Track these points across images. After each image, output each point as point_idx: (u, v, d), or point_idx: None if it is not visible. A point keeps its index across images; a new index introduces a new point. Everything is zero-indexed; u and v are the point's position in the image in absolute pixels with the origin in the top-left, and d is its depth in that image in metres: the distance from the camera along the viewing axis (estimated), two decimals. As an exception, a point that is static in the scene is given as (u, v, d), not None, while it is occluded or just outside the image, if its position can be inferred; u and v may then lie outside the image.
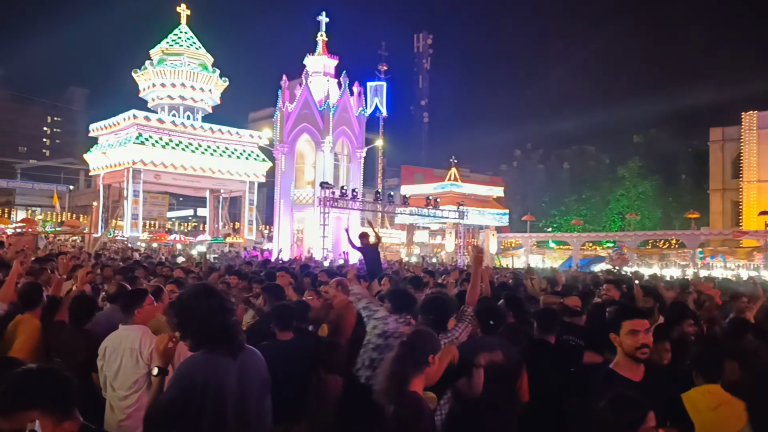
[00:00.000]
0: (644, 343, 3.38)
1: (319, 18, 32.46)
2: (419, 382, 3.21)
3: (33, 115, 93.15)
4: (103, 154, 36.11)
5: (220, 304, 3.08)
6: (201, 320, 2.98)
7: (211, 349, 2.97)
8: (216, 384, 2.92)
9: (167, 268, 10.53)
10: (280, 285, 6.56)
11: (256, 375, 3.13)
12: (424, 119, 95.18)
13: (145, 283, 6.58)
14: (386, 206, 32.69)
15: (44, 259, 9.83)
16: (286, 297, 6.09)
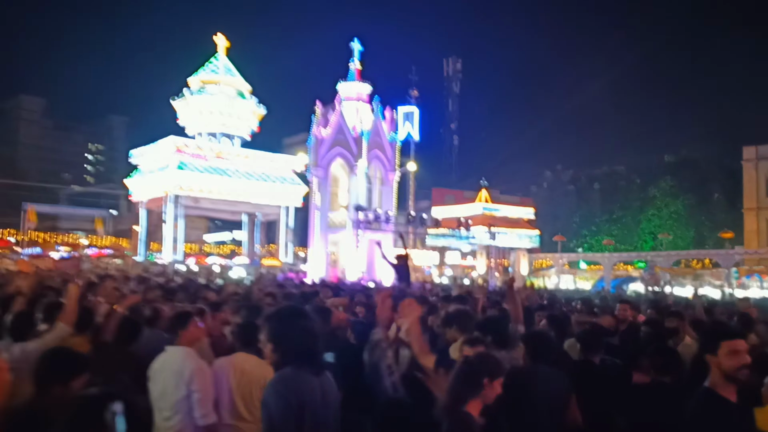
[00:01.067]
0: (745, 364, 3.31)
1: (352, 45, 33.39)
2: (476, 403, 3.28)
3: (76, 143, 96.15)
4: (144, 179, 37.35)
5: (312, 326, 3.26)
6: (294, 338, 3.12)
7: (297, 367, 3.08)
8: (309, 398, 3.04)
9: (213, 293, 10.77)
10: (327, 307, 6.52)
11: (334, 394, 3.25)
12: (454, 142, 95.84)
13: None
14: (418, 228, 33.30)
15: (91, 284, 10.43)
16: (332, 319, 5.94)
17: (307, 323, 3.23)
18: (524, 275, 42.37)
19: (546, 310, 8.18)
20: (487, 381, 3.31)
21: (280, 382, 3.05)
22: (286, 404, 2.96)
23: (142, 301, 8.74)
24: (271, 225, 41.61)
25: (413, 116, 45.42)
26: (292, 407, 2.95)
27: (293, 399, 2.97)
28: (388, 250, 31.24)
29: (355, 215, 28.57)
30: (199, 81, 38.65)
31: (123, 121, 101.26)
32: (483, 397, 3.30)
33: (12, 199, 52.75)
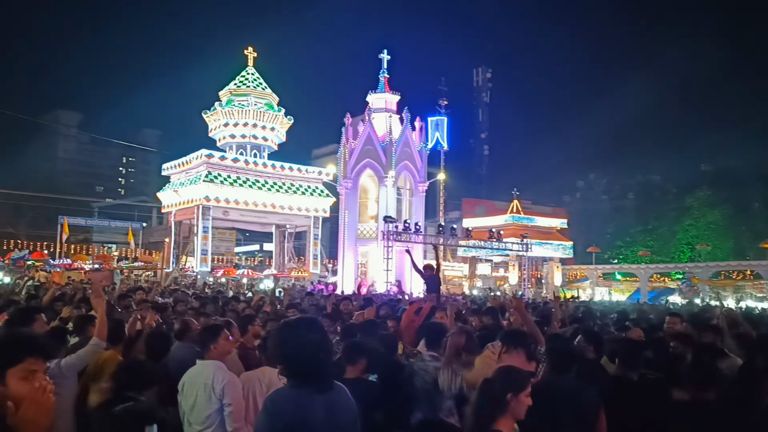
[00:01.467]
0: None
1: (381, 56, 33.29)
2: (506, 421, 3.15)
3: (109, 156, 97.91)
4: (175, 192, 37.62)
5: (321, 339, 3.04)
6: (297, 352, 2.94)
7: (299, 383, 2.94)
8: (303, 419, 2.87)
9: (243, 304, 10.70)
10: (374, 321, 6.45)
11: (345, 412, 3.03)
12: (485, 152, 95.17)
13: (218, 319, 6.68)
14: (449, 239, 32.86)
15: (123, 296, 10.37)
16: (377, 332, 5.83)
17: (314, 336, 3.01)
18: (557, 287, 41.64)
19: (580, 322, 7.92)
20: (510, 396, 3.13)
21: (271, 400, 2.98)
22: (270, 424, 2.86)
23: (171, 314, 8.72)
24: (300, 236, 41.57)
25: (443, 126, 45.21)
26: (275, 428, 2.84)
27: (278, 420, 2.85)
28: (418, 260, 31.00)
29: (384, 226, 28.27)
30: (229, 94, 38.92)
31: (156, 135, 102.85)
32: (512, 414, 3.16)
33: (49, 212, 53.74)
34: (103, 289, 10.69)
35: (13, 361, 2.13)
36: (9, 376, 2.09)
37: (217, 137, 39.12)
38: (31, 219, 57.87)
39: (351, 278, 30.57)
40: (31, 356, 2.18)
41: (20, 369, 2.12)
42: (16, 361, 2.13)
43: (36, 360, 2.19)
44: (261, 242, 58.75)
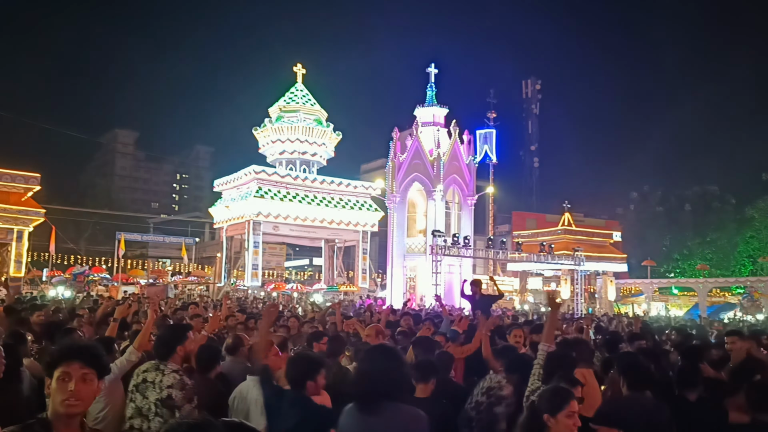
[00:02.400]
0: None
1: (429, 69, 33.30)
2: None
3: (164, 173, 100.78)
4: (226, 207, 38.33)
5: (381, 364, 3.25)
6: (359, 376, 3.33)
7: (355, 403, 3.24)
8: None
9: (294, 318, 10.66)
10: (432, 339, 6.32)
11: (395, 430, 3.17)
12: (535, 164, 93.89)
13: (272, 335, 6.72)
14: (498, 253, 32.48)
15: (178, 309, 10.55)
16: (434, 351, 5.73)
17: (377, 360, 3.28)
18: (612, 301, 40.62)
19: (637, 339, 7.62)
20: (547, 417, 2.99)
21: (342, 414, 3.35)
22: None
23: (224, 329, 8.81)
24: (348, 251, 41.74)
25: (491, 137, 44.87)
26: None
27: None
28: (467, 274, 30.70)
29: (432, 240, 28.13)
30: (278, 110, 39.55)
31: (208, 152, 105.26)
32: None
33: (107, 228, 55.39)
34: (158, 303, 10.91)
35: (55, 364, 2.49)
36: (53, 375, 2.47)
37: (267, 153, 39.73)
38: (90, 235, 59.70)
39: (399, 293, 30.46)
40: (67, 360, 2.48)
41: (59, 371, 2.47)
42: (56, 363, 2.49)
43: (70, 363, 2.48)
44: (310, 256, 59.27)
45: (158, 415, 4.18)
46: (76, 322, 8.45)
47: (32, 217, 30.76)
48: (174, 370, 4.28)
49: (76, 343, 2.68)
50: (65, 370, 2.46)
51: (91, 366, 2.51)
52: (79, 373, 2.46)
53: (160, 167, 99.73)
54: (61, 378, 2.44)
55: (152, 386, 4.23)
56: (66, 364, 2.47)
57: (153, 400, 4.20)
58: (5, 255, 31.20)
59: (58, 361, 2.48)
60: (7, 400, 4.31)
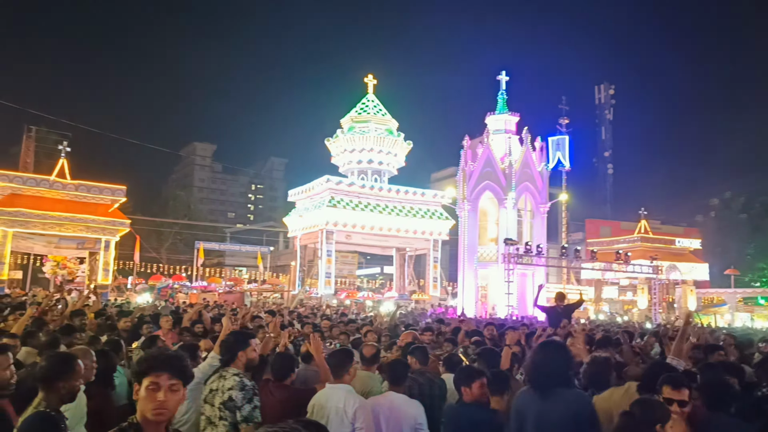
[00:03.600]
0: None
1: (499, 77, 33.17)
2: None
3: (240, 185, 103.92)
4: (300, 217, 39.17)
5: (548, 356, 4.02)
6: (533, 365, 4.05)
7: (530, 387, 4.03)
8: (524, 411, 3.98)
9: (367, 326, 10.86)
10: (496, 350, 6.17)
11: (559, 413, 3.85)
12: (608, 171, 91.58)
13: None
14: (572, 261, 31.91)
15: (254, 317, 10.94)
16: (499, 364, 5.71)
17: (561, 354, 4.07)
18: (692, 311, 39.08)
19: (716, 350, 7.16)
20: (659, 428, 3.00)
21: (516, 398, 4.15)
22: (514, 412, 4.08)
23: (299, 336, 9.11)
24: (419, 259, 41.86)
25: (564, 144, 44.15)
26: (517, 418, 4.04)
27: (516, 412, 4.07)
28: (539, 281, 30.30)
29: (504, 249, 27.93)
30: (350, 121, 40.20)
31: (282, 163, 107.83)
32: None
33: (187, 237, 57.60)
34: (233, 311, 11.36)
35: (144, 373, 2.58)
36: (142, 383, 2.56)
37: (339, 163, 40.42)
38: (171, 244, 62.16)
39: (471, 301, 30.37)
40: (155, 371, 2.58)
41: (147, 380, 2.56)
42: (144, 372, 2.58)
43: (159, 375, 2.57)
44: (381, 265, 59.71)
45: (222, 419, 4.25)
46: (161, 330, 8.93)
47: (118, 227, 32.16)
48: (234, 373, 4.36)
49: (164, 354, 2.78)
50: (154, 381, 2.55)
51: (178, 377, 2.62)
52: (167, 384, 2.56)
53: (236, 179, 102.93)
54: (151, 388, 2.54)
55: (217, 393, 4.33)
56: (155, 374, 2.56)
57: (217, 405, 4.30)
58: (94, 263, 32.82)
59: (147, 371, 2.57)
60: (99, 404, 4.54)
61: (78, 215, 30.60)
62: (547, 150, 37.24)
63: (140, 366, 2.62)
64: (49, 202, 30.21)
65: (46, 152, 50.75)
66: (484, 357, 5.69)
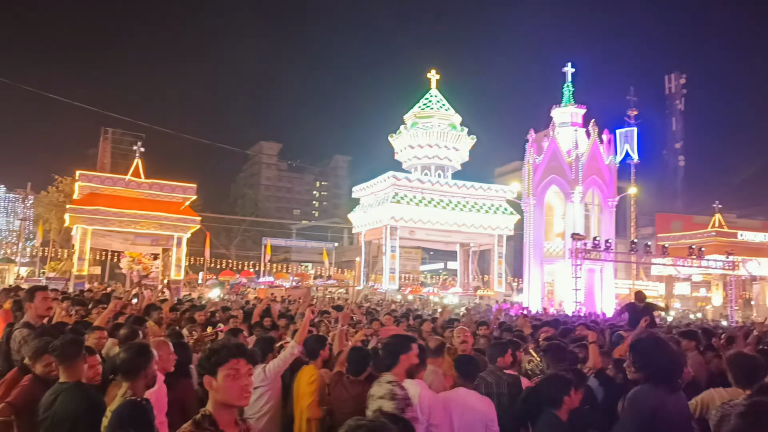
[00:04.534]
0: None
1: (565, 69, 32.55)
2: None
3: (305, 182, 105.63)
4: (364, 213, 39.49)
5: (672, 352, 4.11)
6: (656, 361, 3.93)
7: (655, 384, 3.89)
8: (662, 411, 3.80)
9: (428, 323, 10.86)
10: (562, 346, 5.89)
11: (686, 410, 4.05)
12: (679, 163, 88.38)
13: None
14: (642, 257, 31.04)
15: (321, 312, 11.17)
16: (565, 359, 5.49)
17: (669, 349, 4.06)
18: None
19: None
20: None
21: (637, 394, 3.93)
22: (638, 412, 3.84)
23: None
24: (484, 255, 41.55)
25: (632, 136, 42.97)
26: (643, 414, 3.81)
27: (645, 408, 3.83)
28: (608, 278, 29.62)
29: (572, 244, 27.40)
30: (413, 117, 40.21)
31: (345, 160, 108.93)
32: None
33: (255, 234, 59.07)
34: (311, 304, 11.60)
35: (222, 361, 2.66)
36: (219, 373, 2.64)
37: (403, 159, 40.50)
38: (239, 241, 63.81)
39: (537, 298, 29.96)
40: (235, 358, 2.68)
41: (227, 368, 2.64)
42: (223, 361, 2.66)
43: (238, 361, 2.68)
44: (445, 260, 59.58)
45: None
46: (231, 322, 9.21)
47: (189, 224, 33.20)
48: (388, 381, 4.17)
49: (235, 342, 2.87)
50: (234, 367, 2.64)
51: (251, 362, 2.77)
52: (245, 369, 2.68)
53: (302, 176, 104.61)
54: (232, 374, 2.63)
55: (371, 399, 4.21)
56: (235, 360, 2.66)
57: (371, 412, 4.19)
58: (167, 259, 34.02)
59: (226, 359, 2.66)
60: (180, 393, 4.74)
61: (152, 213, 31.76)
62: (615, 142, 36.30)
63: (217, 355, 2.70)
64: (125, 201, 31.49)
65: (122, 153, 52.93)
66: (551, 352, 5.54)
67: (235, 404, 2.68)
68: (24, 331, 5.48)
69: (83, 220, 30.54)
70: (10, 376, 4.62)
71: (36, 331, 5.38)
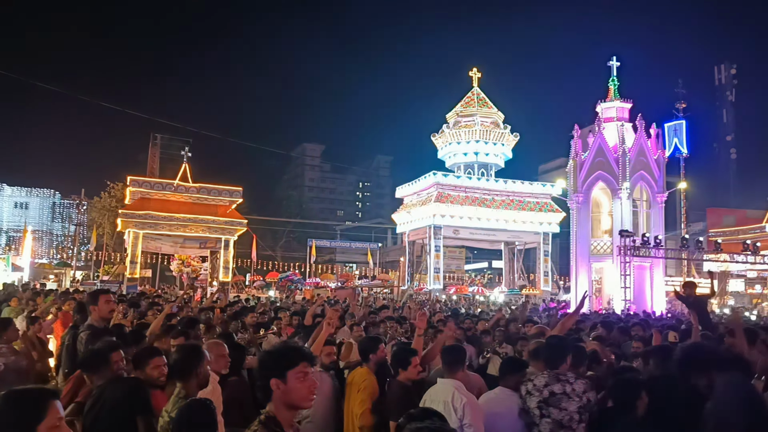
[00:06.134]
0: None
1: (610, 63, 31.94)
2: None
3: (348, 183, 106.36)
4: (408, 213, 39.53)
5: None
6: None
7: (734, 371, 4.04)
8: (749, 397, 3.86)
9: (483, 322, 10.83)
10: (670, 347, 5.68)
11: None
12: (731, 156, 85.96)
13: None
14: (694, 253, 30.29)
15: (370, 312, 11.25)
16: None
17: None
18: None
19: None
20: None
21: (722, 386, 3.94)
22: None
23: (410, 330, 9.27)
24: (529, 253, 41.13)
25: (681, 129, 41.91)
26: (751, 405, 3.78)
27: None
28: (658, 275, 28.97)
29: (620, 241, 26.91)
30: (455, 115, 40.10)
31: (387, 160, 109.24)
32: None
33: (300, 236, 59.72)
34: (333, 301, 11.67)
35: (292, 364, 2.73)
36: (288, 376, 2.70)
37: (445, 158, 40.42)
38: (285, 242, 64.60)
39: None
40: (304, 361, 2.75)
41: (296, 371, 2.71)
42: (294, 363, 2.73)
43: (306, 364, 2.76)
44: (489, 259, 59.19)
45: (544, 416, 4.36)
46: (275, 325, 9.37)
47: (236, 227, 33.75)
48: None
49: (302, 346, 2.96)
50: (302, 370, 2.71)
51: (313, 365, 2.85)
52: (310, 371, 2.76)
53: (345, 177, 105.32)
54: (301, 377, 2.70)
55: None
56: (304, 364, 2.73)
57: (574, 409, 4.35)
58: (215, 262, 34.66)
59: (297, 361, 2.73)
60: (236, 393, 4.85)
61: (200, 216, 32.40)
62: (664, 136, 35.50)
63: (287, 358, 2.76)
64: (174, 205, 32.20)
65: (170, 158, 54.11)
66: (657, 355, 5.37)
67: (302, 406, 2.77)
68: (88, 333, 5.69)
69: (134, 225, 31.35)
70: (76, 376, 4.81)
71: (98, 332, 5.59)
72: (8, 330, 6.32)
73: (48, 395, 2.41)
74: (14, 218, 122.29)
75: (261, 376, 2.75)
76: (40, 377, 6.61)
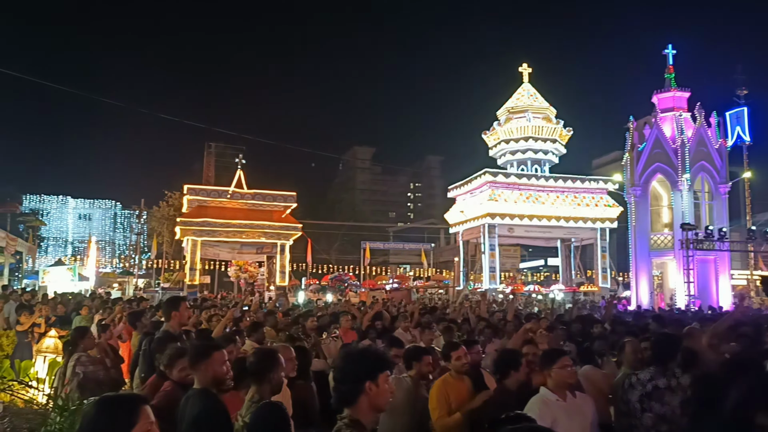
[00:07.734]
0: None
1: (665, 52, 31.08)
2: None
3: (399, 185, 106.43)
4: (461, 212, 39.27)
5: None
6: None
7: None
8: None
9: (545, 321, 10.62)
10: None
11: None
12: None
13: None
14: (761, 245, 29.18)
15: (422, 313, 11.24)
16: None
17: None
18: None
19: None
20: None
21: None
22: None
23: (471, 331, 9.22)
24: (586, 250, 40.33)
25: (743, 117, 40.35)
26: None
27: None
28: (724, 270, 28.01)
29: (681, 235, 26.12)
30: (506, 112, 39.66)
31: (438, 160, 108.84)
32: None
33: (354, 238, 60.06)
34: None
35: (384, 368, 2.83)
36: (380, 378, 2.77)
37: (497, 156, 40.02)
38: (339, 245, 65.08)
39: (646, 292, 28.74)
40: (390, 366, 2.90)
41: (385, 375, 2.81)
42: (384, 367, 2.83)
43: (388, 371, 2.87)
44: (545, 257, 58.33)
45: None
46: (334, 328, 9.43)
47: (291, 231, 34.19)
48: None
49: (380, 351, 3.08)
50: (388, 374, 2.82)
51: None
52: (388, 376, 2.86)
53: (396, 179, 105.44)
54: (386, 380, 2.80)
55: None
56: (388, 369, 2.84)
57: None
58: (271, 266, 35.19)
59: (385, 366, 2.84)
60: (302, 395, 4.93)
61: (256, 222, 32.95)
62: (725, 125, 34.12)
63: (381, 362, 2.85)
64: (230, 212, 32.84)
65: (224, 165, 55.25)
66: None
67: (384, 409, 2.82)
68: (159, 338, 5.84)
69: (193, 232, 32.09)
70: (151, 381, 4.95)
71: (168, 338, 5.73)
72: (85, 339, 6.53)
73: (139, 401, 2.51)
74: (79, 229, 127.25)
75: (352, 380, 2.76)
76: (115, 384, 6.81)
